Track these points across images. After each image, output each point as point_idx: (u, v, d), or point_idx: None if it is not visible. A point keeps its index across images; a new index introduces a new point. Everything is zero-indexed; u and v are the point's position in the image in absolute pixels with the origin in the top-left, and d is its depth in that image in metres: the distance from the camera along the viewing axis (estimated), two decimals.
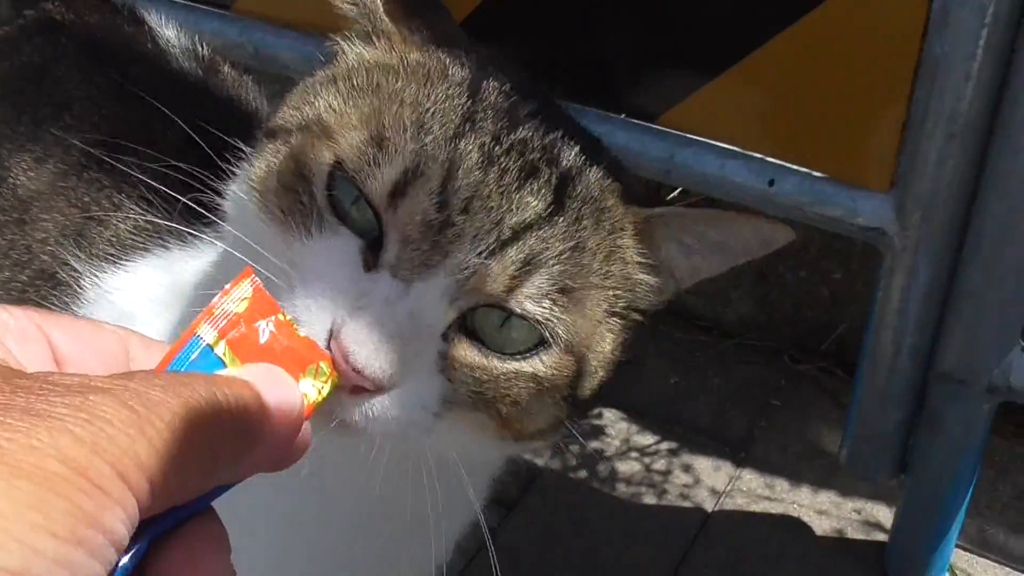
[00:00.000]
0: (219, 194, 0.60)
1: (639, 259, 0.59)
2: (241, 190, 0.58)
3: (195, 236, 0.67)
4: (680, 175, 1.14)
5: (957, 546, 1.33)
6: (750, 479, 1.44)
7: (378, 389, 0.50)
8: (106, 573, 0.31)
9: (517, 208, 0.53)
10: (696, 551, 1.34)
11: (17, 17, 0.87)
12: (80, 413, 0.30)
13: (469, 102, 0.55)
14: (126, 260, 0.70)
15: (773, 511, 1.39)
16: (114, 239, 0.70)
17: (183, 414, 0.33)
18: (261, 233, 0.54)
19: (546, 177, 0.55)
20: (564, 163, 0.56)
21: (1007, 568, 1.32)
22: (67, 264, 0.70)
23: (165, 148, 0.66)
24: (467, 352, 0.53)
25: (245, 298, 0.45)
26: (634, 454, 1.47)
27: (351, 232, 0.53)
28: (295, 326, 0.46)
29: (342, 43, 0.61)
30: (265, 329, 0.44)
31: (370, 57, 0.59)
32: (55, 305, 0.71)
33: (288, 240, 0.53)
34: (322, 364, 0.45)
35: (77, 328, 0.38)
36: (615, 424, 1.51)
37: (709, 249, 0.60)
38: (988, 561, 1.33)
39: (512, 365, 0.54)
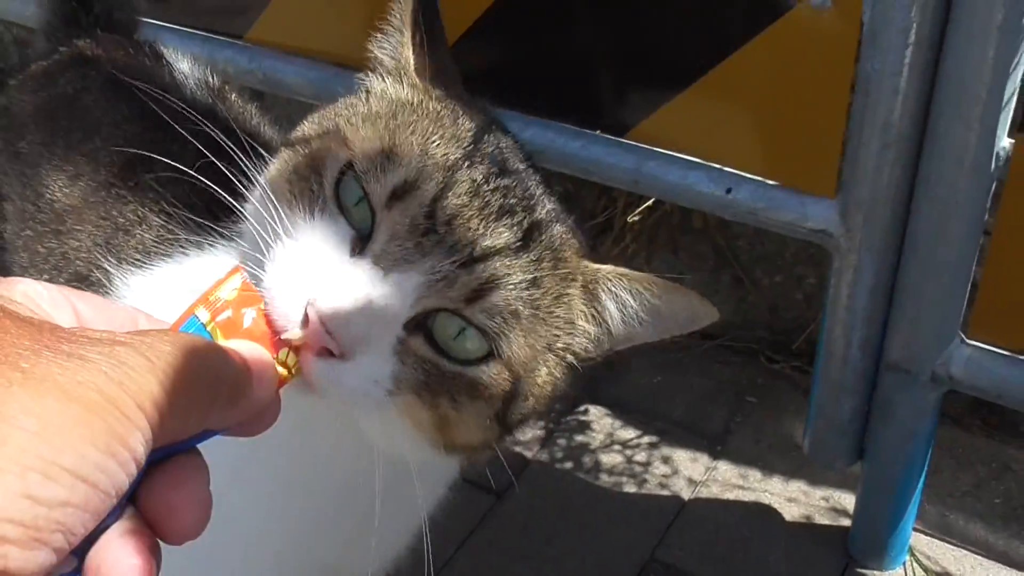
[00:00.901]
0: (232, 202, 0.70)
1: (583, 308, 0.67)
2: (257, 191, 0.67)
3: (210, 244, 0.77)
4: (648, 185, 1.25)
5: (919, 531, 1.42)
6: (725, 470, 1.53)
7: (341, 355, 0.58)
8: (128, 483, 0.38)
9: (491, 235, 0.62)
10: (672, 535, 1.44)
11: (52, 51, 0.99)
12: (110, 359, 0.38)
13: (471, 146, 0.65)
14: (150, 265, 0.80)
15: (746, 499, 1.49)
16: (140, 247, 0.81)
17: (187, 364, 0.41)
18: (271, 212, 0.63)
19: (519, 219, 0.64)
20: (537, 213, 0.66)
21: (965, 551, 1.40)
22: (100, 267, 0.81)
23: (181, 166, 0.76)
24: (421, 347, 0.61)
25: (235, 288, 0.56)
26: (617, 447, 1.57)
27: (347, 223, 0.62)
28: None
29: (371, 75, 0.71)
30: (249, 316, 0.55)
31: (394, 94, 0.69)
32: None
33: (293, 216, 0.62)
34: (291, 353, 0.55)
35: (96, 302, 0.47)
36: (600, 419, 1.61)
37: (644, 311, 0.68)
38: (948, 545, 1.41)
39: (458, 368, 0.62)
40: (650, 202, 1.56)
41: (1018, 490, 1.48)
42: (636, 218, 1.58)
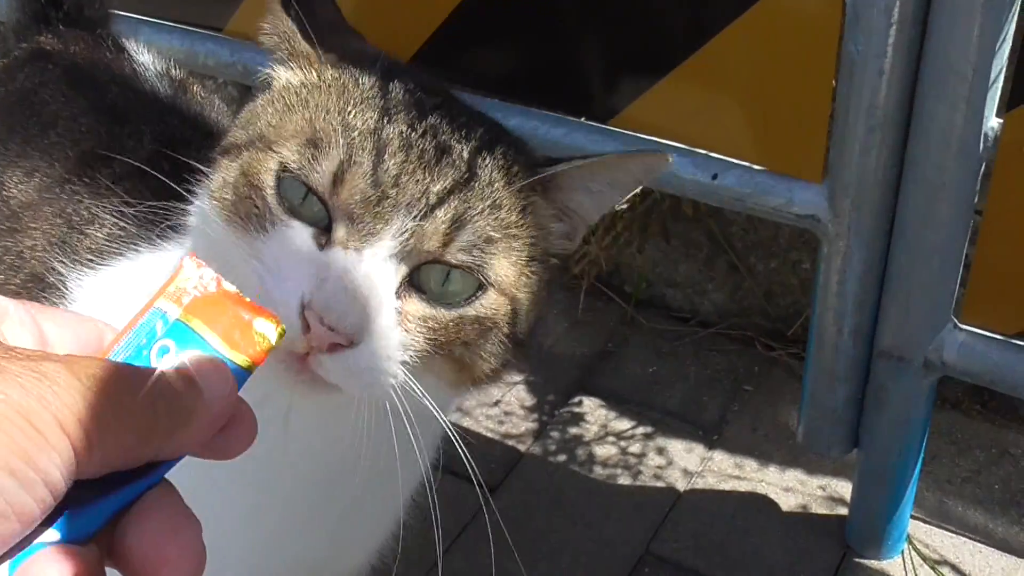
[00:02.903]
0: (184, 201, 0.70)
1: (549, 211, 0.69)
2: (203, 202, 0.68)
3: (163, 240, 0.77)
4: None
5: (917, 519, 1.40)
6: (721, 460, 1.51)
7: (351, 344, 0.59)
8: (39, 511, 0.35)
9: (439, 178, 0.63)
10: (667, 527, 1.42)
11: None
12: (32, 373, 0.36)
13: (382, 101, 0.65)
14: (103, 264, 0.80)
15: (742, 489, 1.47)
16: (92, 246, 0.80)
17: (121, 386, 0.39)
18: (225, 235, 0.64)
19: (459, 152, 0.65)
20: (472, 140, 0.67)
21: (963, 538, 1.38)
22: (54, 269, 0.80)
23: (136, 161, 0.75)
24: (418, 306, 0.63)
25: (193, 274, 0.53)
26: (611, 438, 1.55)
27: (302, 223, 0.63)
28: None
29: (274, 67, 0.71)
30: (214, 285, 0.52)
31: (295, 79, 0.69)
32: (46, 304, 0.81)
33: (249, 239, 0.63)
34: (266, 321, 0.53)
35: (63, 319, 0.45)
36: (594, 411, 1.59)
37: (608, 186, 0.70)
38: (946, 532, 1.39)
39: (457, 312, 0.64)
40: (638, 189, 1.54)
41: (1017, 475, 1.45)
42: (624, 206, 1.55)
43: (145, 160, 0.75)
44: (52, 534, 0.37)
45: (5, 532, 0.35)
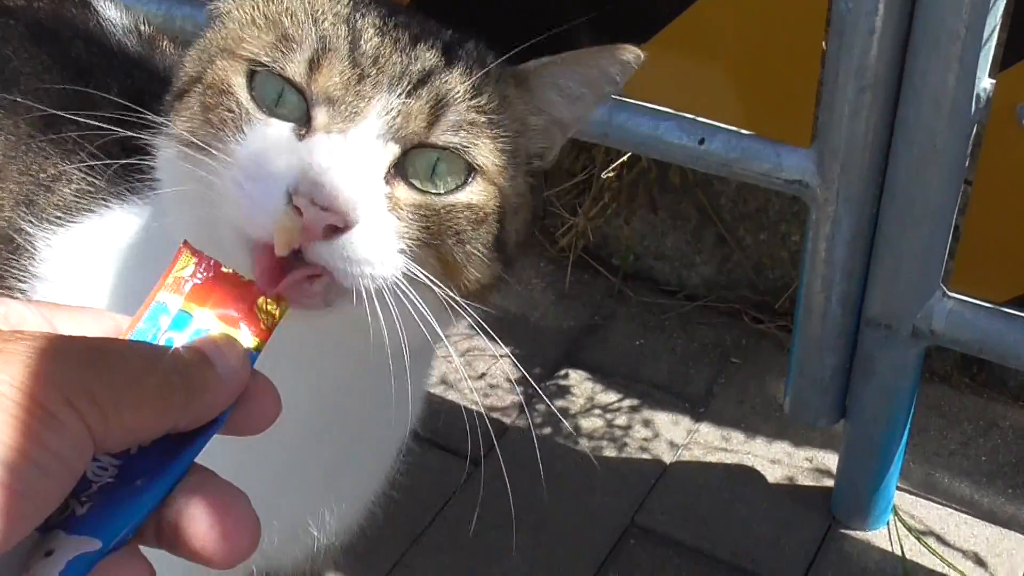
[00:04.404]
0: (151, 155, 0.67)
1: (525, 105, 0.69)
2: (167, 151, 0.65)
3: (133, 194, 0.74)
4: (618, 137, 1.20)
5: (903, 490, 1.39)
6: (707, 432, 1.50)
7: (346, 226, 0.56)
8: (57, 489, 0.35)
9: (418, 58, 0.62)
10: (653, 499, 1.41)
11: None
12: (38, 354, 0.36)
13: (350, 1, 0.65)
14: (72, 221, 0.77)
15: (728, 461, 1.46)
16: (60, 203, 0.78)
17: (133, 360, 0.38)
18: (195, 167, 0.61)
19: (432, 42, 0.65)
20: (443, 36, 0.67)
21: (949, 509, 1.37)
22: (22, 230, 0.78)
23: (102, 117, 0.73)
24: (408, 193, 0.61)
25: (191, 262, 0.51)
26: (597, 411, 1.53)
27: (280, 121, 0.60)
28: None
29: None
30: (211, 270, 0.51)
31: None
32: (15, 267, 0.79)
33: (224, 149, 0.60)
34: (268, 300, 0.51)
35: (79, 316, 0.44)
36: (580, 384, 1.57)
37: (579, 84, 0.69)
38: (932, 503, 1.38)
39: (448, 199, 0.62)
40: (625, 158, 1.52)
41: (1004, 447, 1.45)
42: (611, 174, 1.53)
43: (112, 116, 0.73)
44: (92, 543, 0.37)
45: (25, 512, 0.34)
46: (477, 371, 1.60)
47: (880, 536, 1.35)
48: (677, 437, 1.49)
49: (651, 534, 1.36)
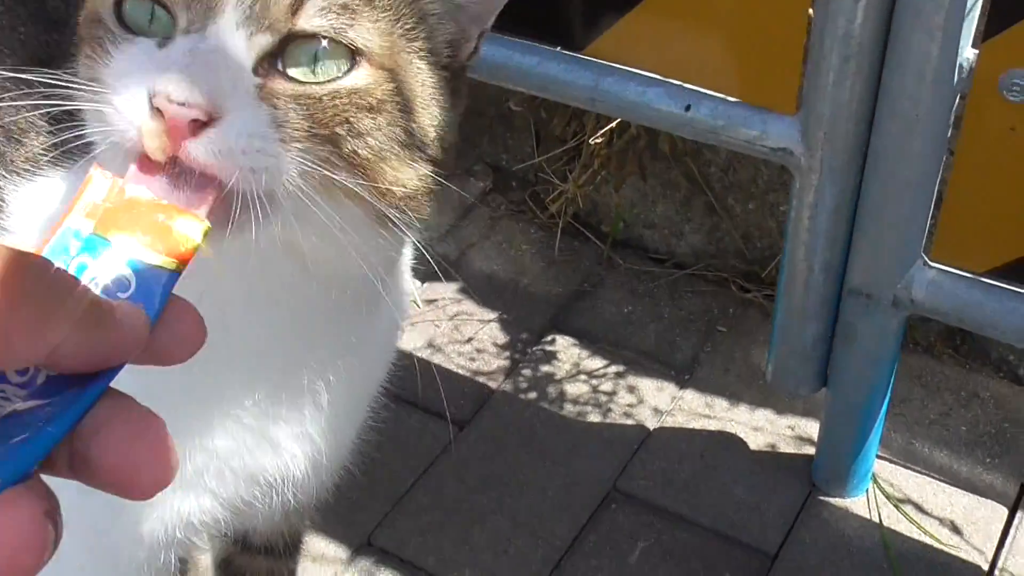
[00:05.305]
0: None
1: None
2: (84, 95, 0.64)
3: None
4: (605, 103, 1.20)
5: (883, 458, 1.40)
6: (691, 399, 1.51)
7: (210, 119, 0.56)
8: None
9: None
10: (635, 464, 1.42)
11: None
12: None
13: None
14: (40, 175, 0.77)
15: (711, 428, 1.47)
16: (29, 156, 0.78)
17: (12, 272, 0.34)
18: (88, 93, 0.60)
19: None
20: None
21: (928, 477, 1.39)
22: None
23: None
24: (285, 84, 0.60)
25: (103, 186, 0.51)
26: (583, 377, 1.55)
27: (148, 38, 0.60)
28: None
29: None
30: (128, 190, 0.50)
31: None
32: None
33: (96, 73, 0.60)
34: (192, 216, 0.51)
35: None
36: (567, 349, 1.58)
37: None
38: (911, 472, 1.40)
39: (329, 86, 0.60)
40: (614, 124, 1.52)
41: (985, 418, 1.46)
42: (599, 140, 1.53)
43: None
44: None
45: None
46: (464, 335, 1.61)
47: (859, 503, 1.36)
48: (661, 403, 1.50)
49: (632, 499, 1.38)
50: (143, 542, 0.81)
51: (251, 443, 0.77)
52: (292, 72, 0.60)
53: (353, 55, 0.61)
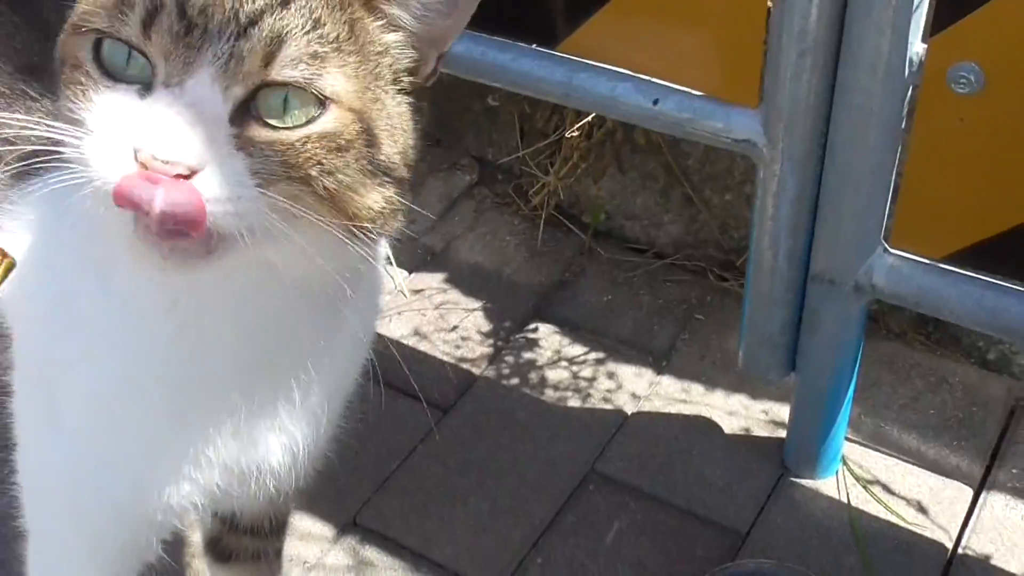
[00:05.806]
0: None
1: (376, 24, 0.69)
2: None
3: None
4: (578, 98, 1.25)
5: (853, 441, 1.45)
6: (669, 384, 1.55)
7: (192, 173, 0.60)
8: None
9: (247, 2, 0.63)
10: (613, 447, 1.47)
11: None
12: None
13: None
14: (30, 178, 0.81)
15: (687, 412, 1.51)
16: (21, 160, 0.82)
17: None
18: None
19: None
20: None
21: (897, 459, 1.43)
22: None
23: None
24: (259, 131, 0.64)
25: None
26: (563, 363, 1.59)
27: (128, 85, 0.64)
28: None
29: None
30: None
31: None
32: None
33: (80, 115, 0.64)
34: None
35: None
36: (548, 337, 1.63)
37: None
38: (880, 454, 1.44)
39: (300, 132, 0.64)
40: (590, 118, 1.56)
41: (953, 403, 1.50)
42: (575, 134, 1.57)
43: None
44: None
45: None
46: (450, 324, 1.65)
47: (829, 484, 1.41)
48: (639, 389, 1.55)
49: (609, 480, 1.42)
50: (127, 524, 0.86)
51: (227, 434, 0.80)
52: (265, 117, 0.64)
53: (322, 102, 0.64)
